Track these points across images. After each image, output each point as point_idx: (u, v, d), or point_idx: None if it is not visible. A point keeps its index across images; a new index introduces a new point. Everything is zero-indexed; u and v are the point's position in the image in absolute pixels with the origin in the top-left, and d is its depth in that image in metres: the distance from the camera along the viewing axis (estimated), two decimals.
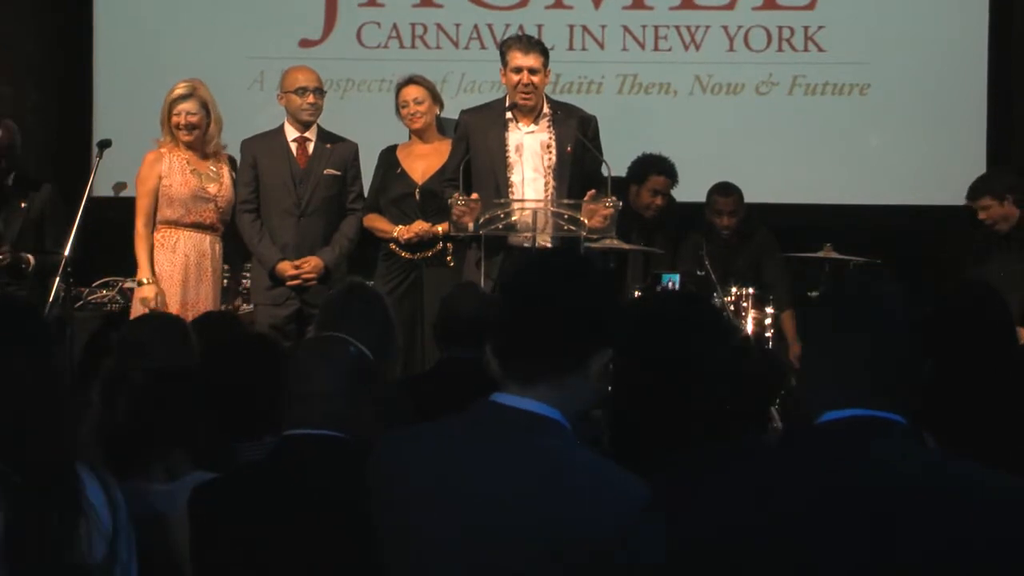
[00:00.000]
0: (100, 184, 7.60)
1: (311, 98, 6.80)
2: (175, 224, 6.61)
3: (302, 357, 3.21)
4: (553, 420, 2.29)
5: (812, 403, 2.14)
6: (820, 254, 7.47)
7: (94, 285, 7.77)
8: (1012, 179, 7.27)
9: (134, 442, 3.37)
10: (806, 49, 8.91)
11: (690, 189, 8.04)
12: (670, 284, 6.86)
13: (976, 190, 7.30)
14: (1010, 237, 7.24)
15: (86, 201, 6.71)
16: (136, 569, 2.52)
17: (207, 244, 6.65)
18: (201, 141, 6.65)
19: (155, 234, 6.62)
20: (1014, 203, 7.18)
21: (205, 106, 6.64)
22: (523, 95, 6.42)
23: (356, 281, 6.23)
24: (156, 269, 6.58)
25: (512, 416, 2.29)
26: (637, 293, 6.92)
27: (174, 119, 6.60)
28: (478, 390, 2.38)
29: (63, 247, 6.53)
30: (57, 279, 6.39)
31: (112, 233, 7.87)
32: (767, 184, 8.49)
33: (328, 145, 6.89)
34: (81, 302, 7.50)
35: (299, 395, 3.13)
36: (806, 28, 8.90)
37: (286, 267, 6.72)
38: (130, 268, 7.32)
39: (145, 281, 6.52)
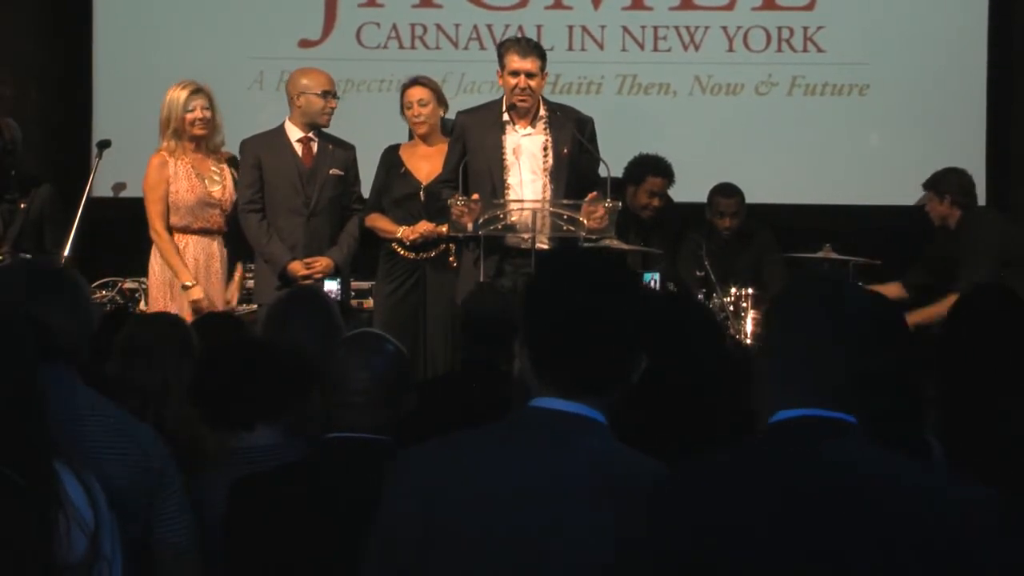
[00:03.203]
0: (100, 184, 7.62)
1: (333, 103, 6.83)
2: (183, 230, 6.66)
3: (342, 358, 3.20)
4: (595, 420, 2.30)
5: (767, 402, 2.12)
6: (820, 254, 7.48)
7: (94, 285, 7.76)
8: (956, 180, 7.43)
9: None
10: (805, 49, 8.91)
11: (689, 189, 8.05)
12: (652, 282, 6.87)
13: (925, 185, 7.54)
14: (940, 231, 7.50)
15: (86, 201, 6.72)
16: (121, 563, 2.52)
17: (214, 247, 6.72)
18: (209, 139, 6.67)
19: None
20: (951, 204, 7.38)
21: (212, 102, 6.66)
22: (520, 98, 6.43)
23: (299, 286, 6.31)
24: (168, 274, 6.61)
25: (557, 419, 2.29)
26: None
27: (189, 115, 6.58)
28: (501, 393, 2.38)
29: (63, 247, 6.55)
30: None
31: (112, 233, 7.89)
32: (767, 184, 8.49)
33: (330, 146, 6.90)
34: None
35: (339, 398, 3.14)
36: (805, 28, 8.89)
37: (297, 267, 6.72)
38: (130, 268, 7.34)
39: (190, 284, 6.57)
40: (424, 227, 6.82)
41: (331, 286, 6.56)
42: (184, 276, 6.58)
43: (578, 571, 2.19)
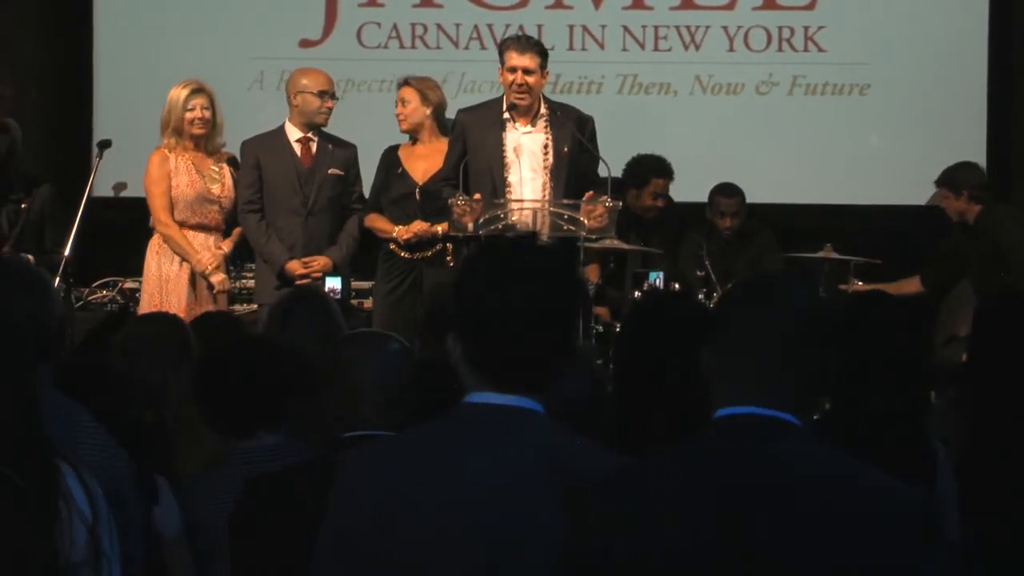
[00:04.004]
0: (100, 184, 7.62)
1: (330, 103, 6.85)
2: (181, 225, 6.71)
3: (347, 358, 3.21)
4: (536, 412, 2.27)
5: (712, 400, 2.11)
6: (820, 254, 7.48)
7: (94, 285, 7.77)
8: (972, 175, 7.41)
9: (147, 443, 3.38)
10: (806, 49, 8.90)
11: (690, 189, 8.05)
12: (656, 281, 6.87)
13: (938, 181, 7.52)
14: (957, 227, 7.49)
15: (86, 201, 6.73)
16: (119, 561, 2.51)
17: (211, 244, 6.75)
18: (208, 138, 6.70)
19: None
20: (969, 199, 7.35)
21: (213, 103, 6.69)
22: (517, 95, 6.43)
23: (300, 286, 6.33)
24: (164, 271, 6.65)
25: (499, 414, 2.26)
26: (636, 294, 6.92)
27: (188, 114, 6.64)
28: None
29: (63, 247, 6.56)
30: (57, 279, 6.41)
31: (112, 233, 7.90)
32: (767, 184, 8.49)
33: (330, 146, 6.91)
34: (81, 302, 7.50)
35: (344, 397, 3.14)
36: (806, 28, 8.89)
37: (295, 266, 6.74)
38: (130, 268, 7.34)
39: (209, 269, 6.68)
40: (418, 227, 6.82)
41: (333, 284, 6.57)
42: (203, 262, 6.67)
43: (540, 566, 2.16)
